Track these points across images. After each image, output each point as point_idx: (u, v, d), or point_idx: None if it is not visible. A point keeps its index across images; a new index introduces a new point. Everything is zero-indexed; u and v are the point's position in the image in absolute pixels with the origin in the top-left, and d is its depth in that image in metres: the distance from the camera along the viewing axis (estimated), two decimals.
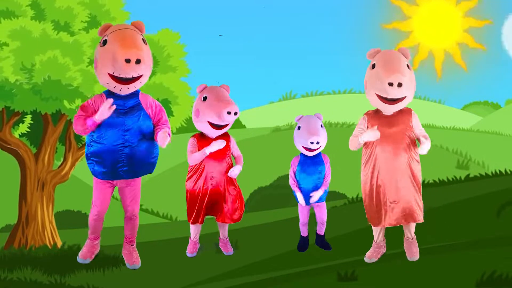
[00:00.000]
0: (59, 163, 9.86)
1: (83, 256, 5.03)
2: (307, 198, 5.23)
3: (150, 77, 8.39)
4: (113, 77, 4.42)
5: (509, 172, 8.18)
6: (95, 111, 4.51)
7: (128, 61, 4.30)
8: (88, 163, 4.72)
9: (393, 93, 4.53)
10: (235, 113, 4.82)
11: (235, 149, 5.12)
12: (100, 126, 4.52)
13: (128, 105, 4.57)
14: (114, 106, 4.46)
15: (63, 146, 9.91)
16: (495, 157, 17.91)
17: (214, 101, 4.86)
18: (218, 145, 4.90)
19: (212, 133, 4.97)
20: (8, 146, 9.41)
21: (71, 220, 12.45)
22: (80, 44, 8.36)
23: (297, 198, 5.21)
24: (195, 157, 4.98)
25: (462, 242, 5.36)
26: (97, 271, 5.19)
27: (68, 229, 10.85)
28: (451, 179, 8.13)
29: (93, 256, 5.07)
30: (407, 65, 4.59)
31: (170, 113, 9.07)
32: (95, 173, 4.72)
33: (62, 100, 8.29)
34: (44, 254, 6.52)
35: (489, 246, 5.11)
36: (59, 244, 9.42)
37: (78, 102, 8.22)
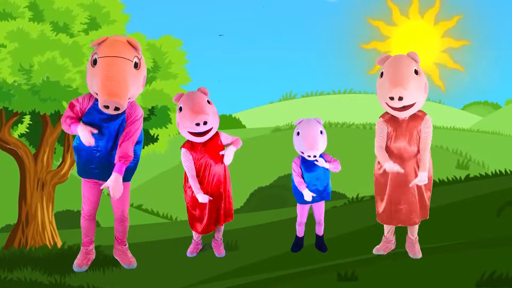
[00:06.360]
0: (58, 163, 9.86)
1: (78, 264, 5.03)
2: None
3: (151, 82, 8.31)
4: None
5: (509, 172, 8.17)
6: (82, 111, 4.56)
7: (105, 107, 4.28)
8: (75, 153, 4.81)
9: (397, 104, 4.53)
10: (205, 123, 4.79)
11: (227, 140, 5.10)
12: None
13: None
14: (96, 130, 4.51)
15: (62, 146, 9.92)
16: (495, 157, 17.92)
17: (187, 111, 4.82)
18: (203, 199, 4.93)
19: (197, 140, 4.95)
20: (8, 146, 9.41)
21: (71, 220, 12.44)
22: (79, 45, 8.25)
23: (301, 197, 5.17)
24: (192, 184, 4.99)
25: (462, 242, 5.35)
26: (97, 271, 5.18)
27: (68, 229, 10.85)
28: (451, 179, 8.13)
29: (88, 263, 5.06)
30: (415, 70, 4.55)
31: (169, 121, 9.05)
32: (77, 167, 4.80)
33: (61, 101, 8.23)
34: (44, 254, 6.50)
35: (489, 246, 5.10)
36: (59, 244, 9.42)
37: None
